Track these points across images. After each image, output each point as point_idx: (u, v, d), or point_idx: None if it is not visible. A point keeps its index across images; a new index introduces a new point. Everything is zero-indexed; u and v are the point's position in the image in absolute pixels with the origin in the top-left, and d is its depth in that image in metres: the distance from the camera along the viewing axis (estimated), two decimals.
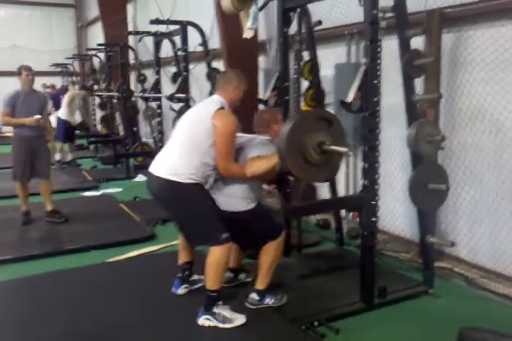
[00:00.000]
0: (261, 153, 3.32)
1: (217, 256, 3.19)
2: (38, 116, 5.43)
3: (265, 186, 3.79)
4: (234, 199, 3.34)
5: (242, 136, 3.50)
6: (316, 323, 3.25)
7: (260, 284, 3.43)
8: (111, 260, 4.58)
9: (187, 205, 3.25)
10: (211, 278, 3.22)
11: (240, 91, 3.38)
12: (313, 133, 2.97)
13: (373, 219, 3.42)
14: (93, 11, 15.49)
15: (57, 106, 10.76)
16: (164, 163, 3.28)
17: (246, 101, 3.55)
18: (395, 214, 4.86)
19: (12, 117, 5.42)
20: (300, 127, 2.95)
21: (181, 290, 3.67)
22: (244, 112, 3.54)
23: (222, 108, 3.25)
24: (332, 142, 2.99)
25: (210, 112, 3.19)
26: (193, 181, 3.19)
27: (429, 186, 3.40)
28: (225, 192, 3.36)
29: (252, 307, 3.42)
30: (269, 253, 3.39)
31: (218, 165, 3.22)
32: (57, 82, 15.39)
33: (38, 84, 5.71)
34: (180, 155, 3.22)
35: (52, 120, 8.08)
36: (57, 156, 9.43)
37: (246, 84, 3.43)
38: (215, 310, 3.21)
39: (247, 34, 4.41)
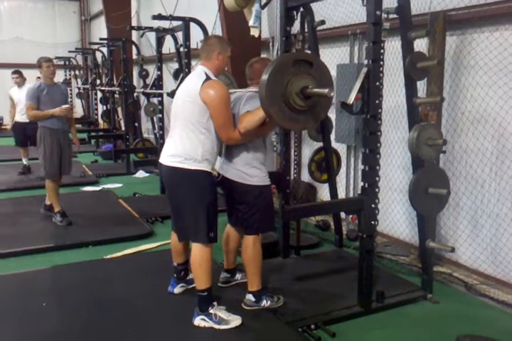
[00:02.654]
0: (251, 108, 3.17)
1: (199, 253, 3.18)
2: (66, 106, 5.38)
3: None
4: (246, 169, 3.29)
5: (234, 92, 3.41)
6: (312, 326, 3.23)
7: (252, 286, 3.41)
8: (108, 256, 4.57)
9: (191, 192, 3.17)
10: (198, 277, 3.21)
11: (224, 57, 3.26)
12: (294, 78, 2.84)
13: (373, 222, 3.39)
14: (97, 4, 15.46)
15: None
16: (169, 150, 3.23)
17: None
18: (395, 217, 4.83)
19: (37, 111, 5.32)
20: (279, 73, 2.81)
21: (178, 289, 3.66)
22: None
23: (208, 78, 3.13)
24: (315, 85, 2.86)
25: (198, 87, 3.08)
26: (201, 168, 3.14)
27: (429, 190, 3.37)
28: (236, 162, 3.32)
29: (248, 308, 3.40)
30: (249, 252, 3.37)
31: (221, 136, 3.16)
32: (60, 75, 15.39)
33: (34, 77, 5.60)
34: (182, 139, 3.16)
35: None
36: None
37: (229, 50, 3.31)
38: (211, 310, 3.19)
39: (254, 32, 4.37)
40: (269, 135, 3.55)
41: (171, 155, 3.19)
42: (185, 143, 3.14)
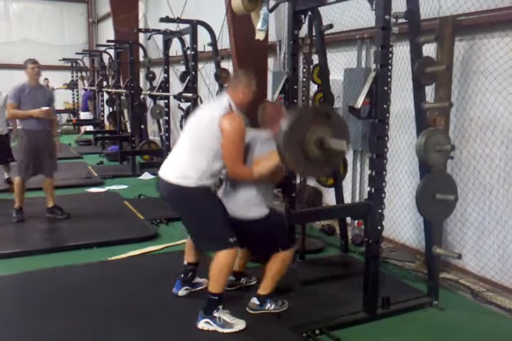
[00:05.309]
0: (265, 151, 3.25)
1: (223, 260, 3.16)
2: (46, 108, 5.40)
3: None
4: (247, 205, 3.31)
5: (248, 130, 3.44)
6: (317, 331, 3.21)
7: (263, 289, 3.41)
8: (113, 258, 4.57)
9: (194, 208, 3.23)
10: (214, 281, 3.19)
11: (249, 93, 3.34)
12: (312, 128, 2.89)
13: (379, 227, 3.37)
14: (105, 7, 15.49)
15: None
16: (172, 166, 3.27)
17: (255, 102, 3.50)
18: (402, 222, 4.80)
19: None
20: (299, 123, 2.87)
21: (182, 292, 3.66)
22: (253, 114, 3.50)
23: (230, 110, 3.21)
24: (332, 136, 2.90)
25: (219, 114, 3.16)
26: (201, 185, 3.17)
27: (437, 196, 3.34)
28: (237, 198, 3.33)
29: (252, 312, 3.40)
30: (278, 262, 3.37)
31: (228, 169, 3.22)
32: (67, 76, 15.44)
33: (41, 78, 5.63)
34: (188, 158, 3.21)
35: None
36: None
37: (255, 86, 3.38)
38: (215, 313, 3.18)
39: (259, 35, 4.36)
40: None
41: (173, 172, 3.23)
42: (189, 163, 3.18)
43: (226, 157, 3.16)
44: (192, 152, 3.19)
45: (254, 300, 3.41)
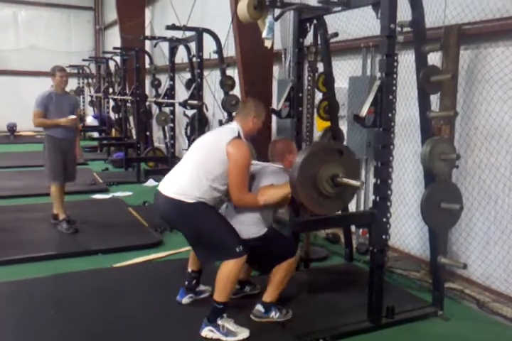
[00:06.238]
0: (274, 182, 3.31)
1: (230, 269, 3.14)
2: (73, 116, 5.42)
3: None
4: (246, 226, 3.31)
5: (256, 164, 3.52)
6: (321, 340, 3.19)
7: (268, 297, 3.40)
8: (117, 265, 4.56)
9: (196, 224, 3.22)
10: (220, 290, 3.17)
11: (258, 122, 3.39)
12: (325, 165, 2.96)
13: (384, 236, 3.36)
14: (112, 14, 15.60)
15: None
16: (173, 182, 3.28)
17: (261, 129, 3.55)
18: (406, 231, 4.78)
19: (44, 118, 5.37)
20: (313, 159, 2.94)
21: (186, 300, 3.65)
22: (260, 140, 3.55)
23: (238, 137, 3.24)
24: (345, 174, 2.98)
25: (226, 140, 3.19)
26: (201, 201, 3.18)
27: (442, 205, 3.33)
28: (237, 219, 3.34)
29: (256, 319, 3.39)
30: (283, 270, 3.36)
31: (232, 196, 3.22)
32: (74, 83, 15.52)
33: (49, 85, 5.61)
34: (190, 177, 3.21)
35: None
36: None
37: (264, 116, 3.45)
38: (219, 321, 3.17)
39: (267, 43, 4.38)
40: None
41: (173, 189, 3.23)
42: (192, 184, 3.18)
43: (231, 183, 3.18)
44: (196, 173, 3.19)
45: (259, 307, 3.40)
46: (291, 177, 2.97)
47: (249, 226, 3.32)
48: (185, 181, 3.21)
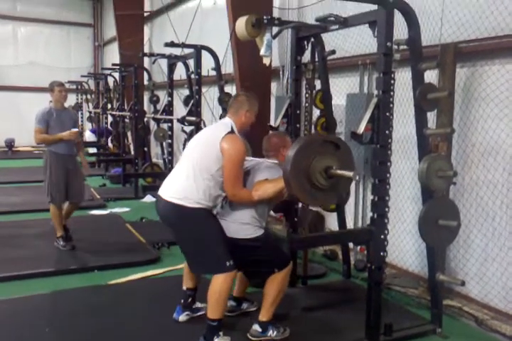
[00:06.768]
0: (268, 177, 3.29)
1: (220, 284, 3.14)
2: (75, 130, 5.37)
3: (273, 213, 3.75)
4: (242, 225, 3.30)
5: (251, 160, 3.51)
6: None
7: (264, 316, 3.36)
8: (113, 282, 4.53)
9: (193, 230, 3.22)
10: (212, 306, 3.17)
11: (250, 115, 3.37)
12: (319, 157, 2.90)
13: (382, 253, 3.34)
14: (111, 30, 15.73)
15: None
16: (172, 186, 3.28)
17: (257, 126, 3.53)
18: (405, 248, 4.77)
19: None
20: (306, 151, 2.88)
21: (183, 317, 3.62)
22: (256, 137, 3.52)
23: (231, 132, 3.23)
24: (339, 166, 2.92)
25: (220, 136, 3.18)
26: (200, 206, 3.17)
27: (439, 222, 3.32)
28: (233, 218, 3.33)
29: (254, 339, 3.35)
30: (275, 285, 3.32)
31: (226, 190, 3.20)
32: (72, 99, 15.58)
33: (48, 100, 5.58)
34: (188, 178, 3.21)
35: None
36: None
37: (257, 108, 3.41)
38: (216, 340, 3.14)
39: (265, 61, 4.42)
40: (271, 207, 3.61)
41: (173, 192, 3.23)
42: (190, 184, 3.19)
43: (226, 178, 3.16)
44: (193, 172, 3.19)
45: (256, 327, 3.37)
46: (284, 170, 2.91)
47: (244, 225, 3.30)
48: (183, 183, 3.21)
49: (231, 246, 3.23)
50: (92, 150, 12.77)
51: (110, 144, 12.27)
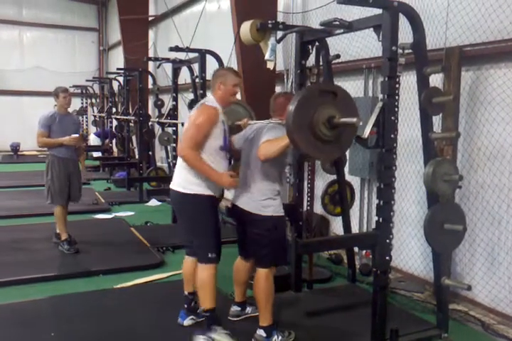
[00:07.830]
0: (273, 136, 3.25)
1: (200, 273, 3.31)
2: (76, 135, 5.45)
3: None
4: (261, 202, 3.32)
5: (255, 122, 3.55)
6: None
7: (263, 320, 3.36)
8: (118, 286, 4.53)
9: (191, 216, 3.34)
10: (201, 297, 3.34)
11: (225, 87, 3.36)
12: (320, 108, 2.86)
13: (387, 257, 3.33)
14: (115, 35, 15.80)
15: None
16: (176, 175, 3.42)
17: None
18: (410, 252, 4.75)
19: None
20: (306, 103, 2.85)
21: (188, 321, 3.62)
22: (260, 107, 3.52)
23: (205, 103, 3.32)
24: (341, 115, 2.87)
25: (195, 110, 3.32)
26: (199, 192, 3.25)
27: (445, 226, 3.31)
28: (251, 191, 3.36)
29: None
30: (260, 286, 3.35)
31: (178, 149, 3.36)
32: (77, 103, 15.63)
33: (53, 105, 5.68)
34: (181, 163, 3.33)
35: None
36: None
37: (232, 78, 3.38)
38: (213, 335, 3.25)
39: (269, 65, 4.42)
40: (284, 167, 3.57)
41: (177, 181, 3.38)
42: (183, 170, 3.31)
43: (183, 136, 3.26)
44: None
45: (261, 332, 3.35)
46: (286, 125, 2.87)
47: (264, 201, 3.32)
48: (181, 169, 3.34)
49: (242, 219, 3.41)
50: (97, 154, 12.81)
51: (114, 148, 12.30)
